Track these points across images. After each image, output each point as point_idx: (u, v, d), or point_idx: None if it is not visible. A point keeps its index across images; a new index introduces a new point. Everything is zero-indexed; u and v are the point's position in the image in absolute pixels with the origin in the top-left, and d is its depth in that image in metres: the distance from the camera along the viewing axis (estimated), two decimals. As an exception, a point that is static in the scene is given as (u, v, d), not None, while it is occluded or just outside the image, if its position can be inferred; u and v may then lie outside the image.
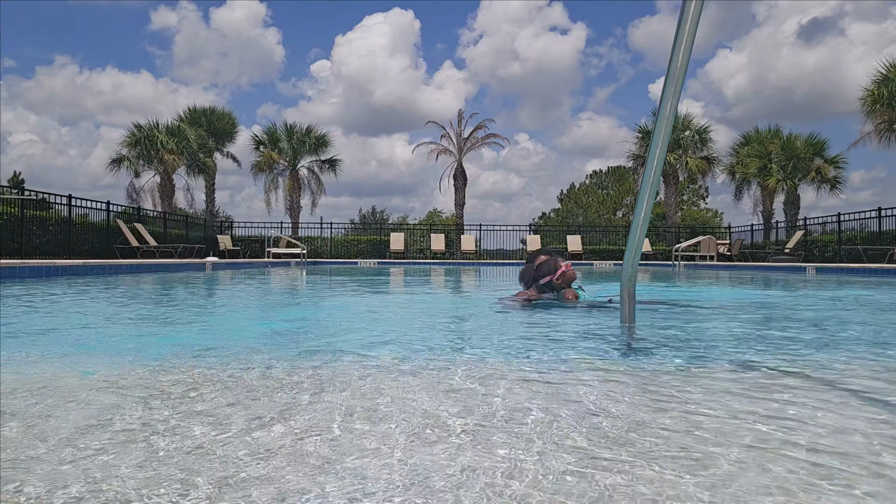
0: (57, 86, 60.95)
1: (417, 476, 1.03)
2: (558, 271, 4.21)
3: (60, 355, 2.33)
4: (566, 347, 2.54)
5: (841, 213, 19.02)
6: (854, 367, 2.14)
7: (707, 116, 65.43)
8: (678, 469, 1.07)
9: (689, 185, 42.99)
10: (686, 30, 2.55)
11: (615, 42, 67.26)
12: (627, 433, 1.27)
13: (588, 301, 4.31)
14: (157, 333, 3.14)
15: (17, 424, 1.32)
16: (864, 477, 1.04)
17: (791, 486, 0.99)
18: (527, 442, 1.21)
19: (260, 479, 1.01)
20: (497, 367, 2.04)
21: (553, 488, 0.98)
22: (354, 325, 3.53)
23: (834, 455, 1.15)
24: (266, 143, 26.71)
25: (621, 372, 1.98)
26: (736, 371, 2.01)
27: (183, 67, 62.48)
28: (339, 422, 1.35)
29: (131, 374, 1.89)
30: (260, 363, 2.08)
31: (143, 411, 1.44)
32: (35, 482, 1.00)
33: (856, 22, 51.59)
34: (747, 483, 1.01)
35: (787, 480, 1.02)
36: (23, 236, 13.28)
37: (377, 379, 1.83)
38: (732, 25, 60.53)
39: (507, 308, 4.22)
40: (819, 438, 1.25)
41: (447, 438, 1.24)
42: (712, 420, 1.38)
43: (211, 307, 5.03)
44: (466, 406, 1.50)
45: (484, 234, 25.73)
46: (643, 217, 2.84)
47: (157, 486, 0.98)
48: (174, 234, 21.14)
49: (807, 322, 3.79)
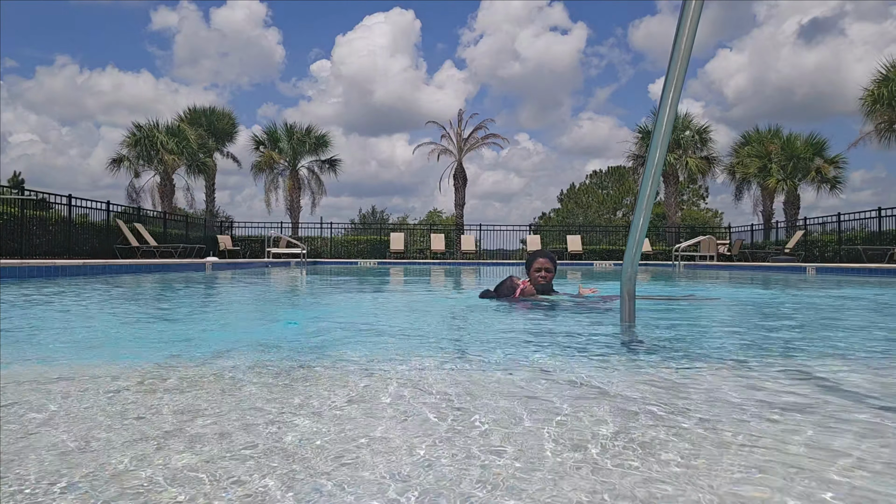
0: (57, 86, 61.01)
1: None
2: (517, 290, 4.53)
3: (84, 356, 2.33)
4: (567, 347, 2.53)
5: (841, 213, 19.03)
6: (854, 366, 2.13)
7: (707, 116, 65.60)
8: (678, 470, 1.07)
9: (689, 185, 42.99)
10: (686, 30, 2.55)
11: (616, 42, 67.32)
12: (626, 434, 1.27)
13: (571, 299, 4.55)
14: (200, 336, 3.14)
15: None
16: (865, 476, 1.04)
17: (792, 487, 0.99)
18: (527, 438, 1.21)
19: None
20: (500, 368, 2.04)
21: (552, 488, 0.98)
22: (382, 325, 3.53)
23: (836, 454, 1.15)
24: (266, 143, 26.70)
25: (622, 372, 1.98)
26: (736, 371, 2.01)
27: (183, 67, 62.52)
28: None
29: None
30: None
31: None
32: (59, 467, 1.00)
33: (856, 22, 51.63)
34: (747, 483, 1.01)
35: (786, 482, 1.02)
36: (23, 236, 13.28)
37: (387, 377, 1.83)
38: (733, 25, 60.59)
39: (510, 307, 4.24)
40: (819, 440, 1.25)
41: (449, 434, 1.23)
42: (712, 420, 1.38)
43: (235, 308, 5.03)
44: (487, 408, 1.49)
45: (484, 234, 25.75)
46: (643, 217, 2.84)
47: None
48: (174, 234, 21.14)
49: (806, 321, 3.79)
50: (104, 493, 0.95)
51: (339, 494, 0.96)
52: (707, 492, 0.97)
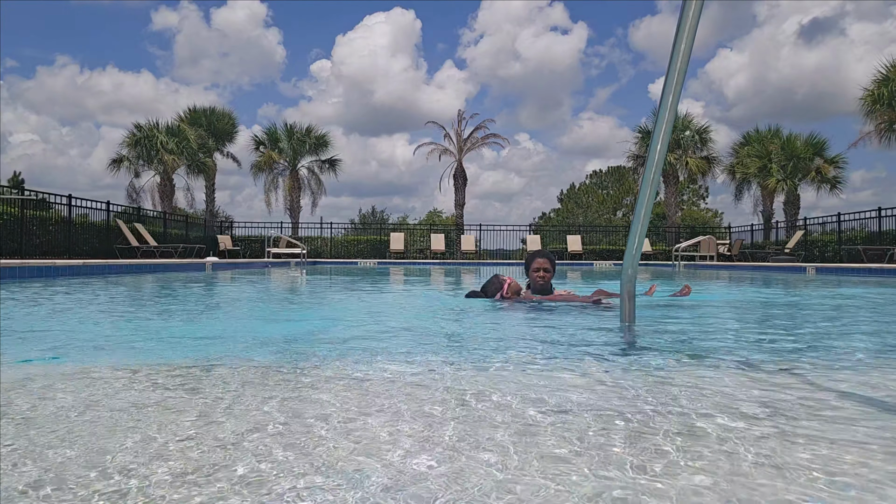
0: (58, 86, 61.01)
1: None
2: (504, 286, 4.61)
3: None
4: (567, 347, 2.53)
5: (841, 213, 19.03)
6: (854, 365, 2.13)
7: (708, 116, 65.62)
8: (681, 470, 1.07)
9: (689, 185, 42.99)
10: (686, 30, 2.55)
11: (616, 42, 67.28)
12: (628, 433, 1.27)
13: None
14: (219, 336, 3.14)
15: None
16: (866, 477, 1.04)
17: (790, 487, 0.99)
18: (525, 437, 1.21)
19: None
20: (504, 366, 2.04)
21: (550, 487, 0.98)
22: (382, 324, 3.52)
23: (837, 457, 1.15)
24: (266, 144, 26.69)
25: (621, 372, 1.98)
26: (736, 371, 2.01)
27: (184, 67, 62.51)
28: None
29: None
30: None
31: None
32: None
33: (856, 22, 51.61)
34: (747, 484, 1.01)
35: (786, 481, 1.02)
36: (23, 236, 13.28)
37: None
38: (733, 25, 60.57)
39: (508, 307, 4.23)
40: (819, 439, 1.25)
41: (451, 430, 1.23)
42: (712, 420, 1.38)
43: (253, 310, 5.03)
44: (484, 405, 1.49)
45: (484, 234, 25.75)
46: (643, 217, 2.84)
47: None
48: (174, 234, 21.14)
49: (806, 321, 3.79)
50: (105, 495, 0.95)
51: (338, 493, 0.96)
52: (708, 492, 0.97)
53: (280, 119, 52.01)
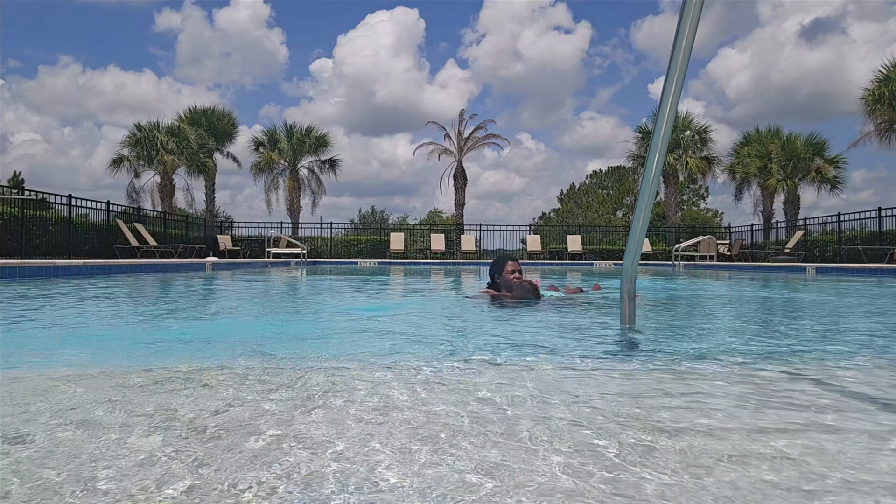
0: (59, 86, 60.99)
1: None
2: (537, 287, 4.56)
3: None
4: (568, 347, 2.53)
5: (841, 213, 19.02)
6: (854, 366, 2.13)
7: (709, 116, 65.69)
8: (681, 470, 1.06)
9: (689, 185, 43.00)
10: (686, 29, 2.55)
11: (619, 42, 67.28)
12: (627, 433, 1.27)
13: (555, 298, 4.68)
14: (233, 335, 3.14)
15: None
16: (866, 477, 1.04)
17: (791, 486, 0.99)
18: (522, 439, 1.21)
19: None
20: (507, 366, 2.04)
21: (547, 487, 0.98)
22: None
23: (839, 456, 1.14)
24: (266, 144, 26.69)
25: (622, 371, 1.98)
26: (735, 371, 2.00)
27: (186, 67, 62.43)
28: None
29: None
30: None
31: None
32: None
33: (858, 22, 51.60)
34: (745, 485, 1.01)
35: (790, 479, 1.02)
36: (23, 236, 13.28)
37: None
38: (735, 25, 60.54)
39: (502, 306, 4.24)
40: (820, 440, 1.25)
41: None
42: (711, 420, 1.38)
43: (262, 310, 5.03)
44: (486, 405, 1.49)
45: (484, 233, 25.76)
46: (643, 217, 2.84)
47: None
48: (174, 234, 21.14)
49: (806, 321, 3.79)
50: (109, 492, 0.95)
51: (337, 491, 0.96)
52: (708, 492, 0.97)
53: (281, 119, 52.08)
